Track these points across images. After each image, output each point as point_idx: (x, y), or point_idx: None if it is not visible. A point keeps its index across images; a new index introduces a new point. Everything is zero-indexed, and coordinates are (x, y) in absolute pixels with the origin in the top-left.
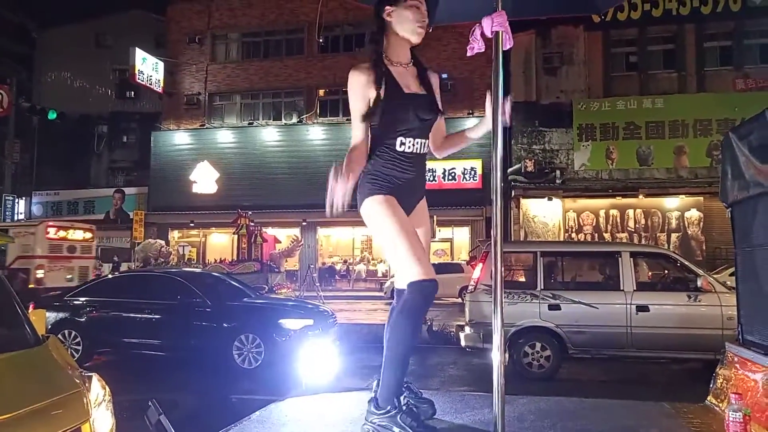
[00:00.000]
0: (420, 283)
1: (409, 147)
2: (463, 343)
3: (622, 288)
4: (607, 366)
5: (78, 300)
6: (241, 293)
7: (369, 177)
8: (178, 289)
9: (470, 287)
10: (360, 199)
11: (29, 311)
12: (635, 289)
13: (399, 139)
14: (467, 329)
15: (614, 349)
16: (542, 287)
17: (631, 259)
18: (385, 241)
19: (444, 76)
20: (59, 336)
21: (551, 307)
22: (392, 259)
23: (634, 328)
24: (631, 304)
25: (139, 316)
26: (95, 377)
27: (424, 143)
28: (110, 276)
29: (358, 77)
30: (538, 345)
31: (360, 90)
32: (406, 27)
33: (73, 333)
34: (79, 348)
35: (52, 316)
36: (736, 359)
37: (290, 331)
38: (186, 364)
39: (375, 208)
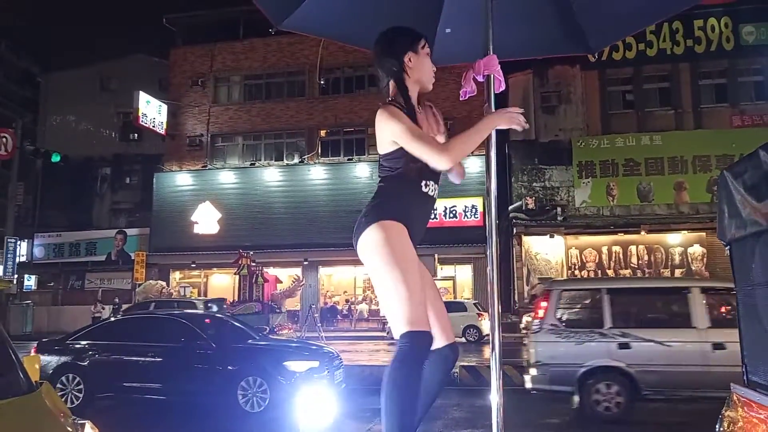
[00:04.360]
0: (410, 334)
1: (431, 191)
2: (528, 385)
3: (694, 325)
4: (683, 407)
5: (80, 343)
6: (245, 335)
7: (385, 200)
8: (182, 331)
9: (534, 327)
10: (366, 222)
11: (32, 354)
12: (709, 325)
13: (423, 182)
14: (533, 371)
15: (691, 389)
16: (610, 325)
17: (703, 294)
18: (384, 277)
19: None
20: (61, 380)
21: (621, 346)
22: (387, 299)
23: (711, 366)
24: (706, 341)
25: (142, 359)
26: (88, 424)
27: (438, 188)
28: (112, 319)
29: (394, 110)
30: (609, 385)
31: (400, 118)
32: (425, 75)
33: (76, 378)
34: (81, 393)
35: (53, 360)
36: (741, 401)
37: (295, 373)
38: (190, 408)
39: (384, 235)
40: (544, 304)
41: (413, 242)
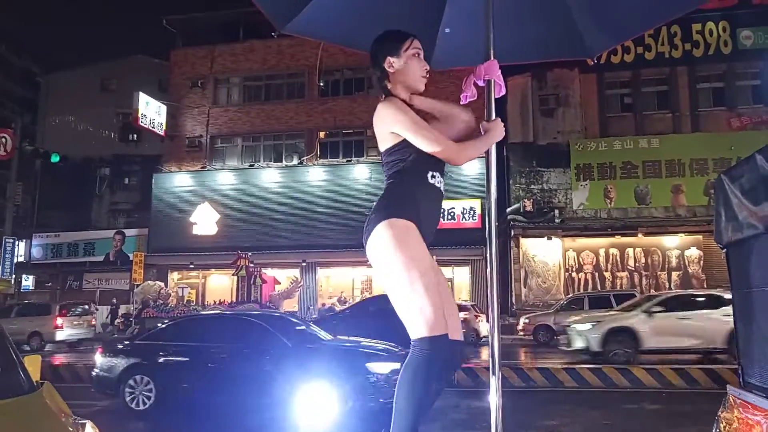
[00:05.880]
0: (429, 339)
1: (438, 182)
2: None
3: None
4: None
5: (150, 344)
6: (314, 336)
7: (393, 198)
8: (255, 331)
9: None
10: (375, 220)
11: (97, 353)
12: None
13: (429, 173)
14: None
15: None
16: None
17: None
18: (398, 280)
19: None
20: (129, 382)
21: None
22: (402, 301)
23: None
24: None
25: (216, 361)
26: (89, 424)
27: (443, 182)
28: (178, 319)
29: (399, 103)
30: None
31: (405, 111)
32: (410, 77)
33: (145, 378)
34: (151, 394)
35: (122, 361)
36: (737, 402)
37: (378, 375)
38: (267, 413)
39: (394, 234)
40: None
41: (425, 241)
